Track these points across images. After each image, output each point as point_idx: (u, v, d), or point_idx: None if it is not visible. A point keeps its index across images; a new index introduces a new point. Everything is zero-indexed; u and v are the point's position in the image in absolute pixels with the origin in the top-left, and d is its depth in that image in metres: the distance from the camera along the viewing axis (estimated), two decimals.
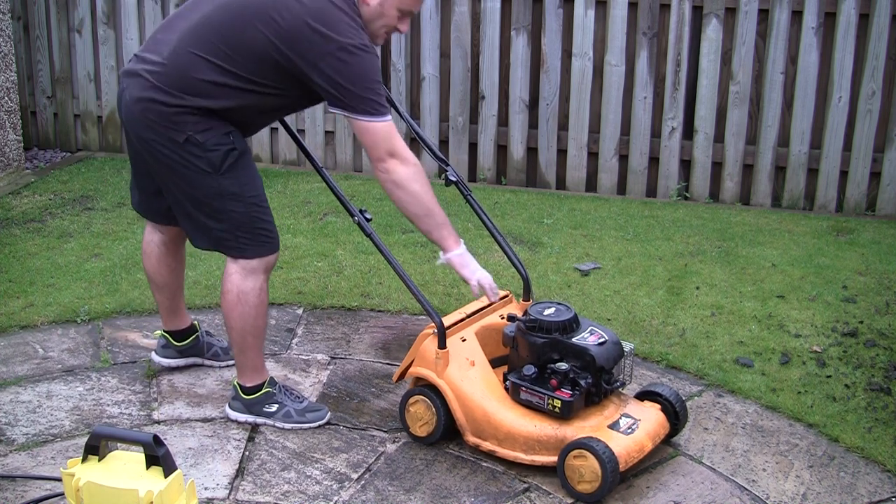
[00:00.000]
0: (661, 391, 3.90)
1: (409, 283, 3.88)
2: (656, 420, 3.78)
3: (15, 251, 5.83)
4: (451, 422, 3.84)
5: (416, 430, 3.92)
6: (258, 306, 3.95)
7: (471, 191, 4.33)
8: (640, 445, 3.64)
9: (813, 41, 6.57)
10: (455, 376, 3.81)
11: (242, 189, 3.84)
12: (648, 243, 6.05)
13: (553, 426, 3.66)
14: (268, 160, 7.78)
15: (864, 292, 5.35)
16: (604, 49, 6.95)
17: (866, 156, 6.65)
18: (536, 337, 3.77)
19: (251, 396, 4.07)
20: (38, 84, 8.08)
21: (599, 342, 3.73)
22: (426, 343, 3.88)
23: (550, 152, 7.20)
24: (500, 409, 3.74)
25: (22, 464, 3.77)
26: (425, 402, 3.87)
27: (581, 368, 3.69)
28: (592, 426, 3.66)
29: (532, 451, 3.68)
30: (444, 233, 3.91)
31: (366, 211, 3.96)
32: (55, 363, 4.57)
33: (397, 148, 3.74)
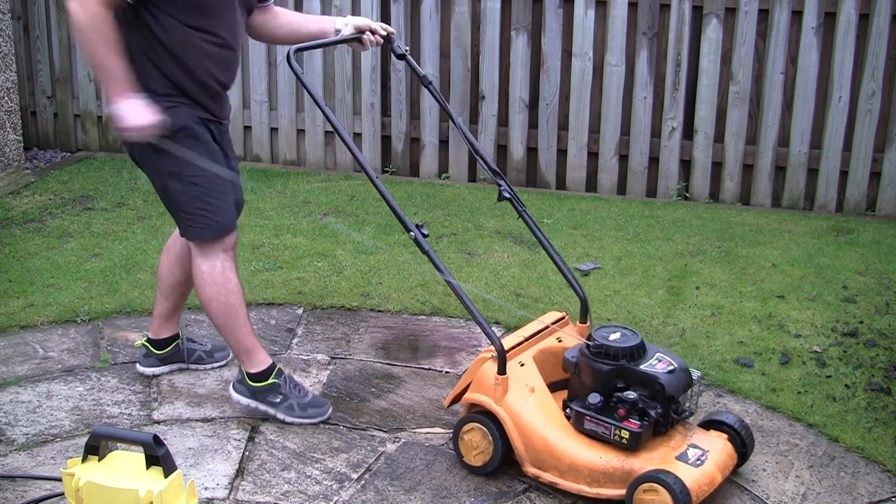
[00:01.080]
0: (727, 419, 3.71)
1: (470, 307, 3.67)
2: (724, 451, 3.59)
3: (15, 251, 5.83)
4: (508, 451, 3.66)
5: (470, 459, 3.74)
6: (224, 284, 3.95)
7: (525, 206, 4.11)
8: (710, 478, 3.46)
9: (813, 41, 6.57)
10: (515, 404, 3.62)
11: (181, 168, 3.85)
12: (648, 243, 6.05)
13: (620, 458, 3.48)
14: (268, 160, 7.78)
15: (864, 292, 5.35)
16: (604, 49, 6.95)
17: (866, 156, 6.65)
18: (602, 363, 3.59)
19: (258, 384, 4.07)
20: (38, 84, 8.08)
21: (669, 370, 3.55)
22: (484, 368, 3.69)
23: (550, 152, 7.20)
24: (562, 439, 3.57)
25: (22, 464, 3.77)
26: (482, 431, 3.68)
27: (650, 397, 3.52)
28: (660, 457, 3.48)
29: (597, 484, 3.51)
30: (107, 85, 3.67)
31: (423, 226, 3.73)
32: (55, 363, 4.57)
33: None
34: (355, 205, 6.67)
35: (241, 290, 4.02)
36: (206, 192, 3.90)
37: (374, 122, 7.45)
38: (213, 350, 4.58)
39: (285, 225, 6.28)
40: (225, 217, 3.96)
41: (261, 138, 7.74)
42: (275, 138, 7.74)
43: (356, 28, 4.14)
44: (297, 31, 4.21)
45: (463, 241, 6.03)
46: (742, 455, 3.70)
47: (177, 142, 3.83)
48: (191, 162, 3.86)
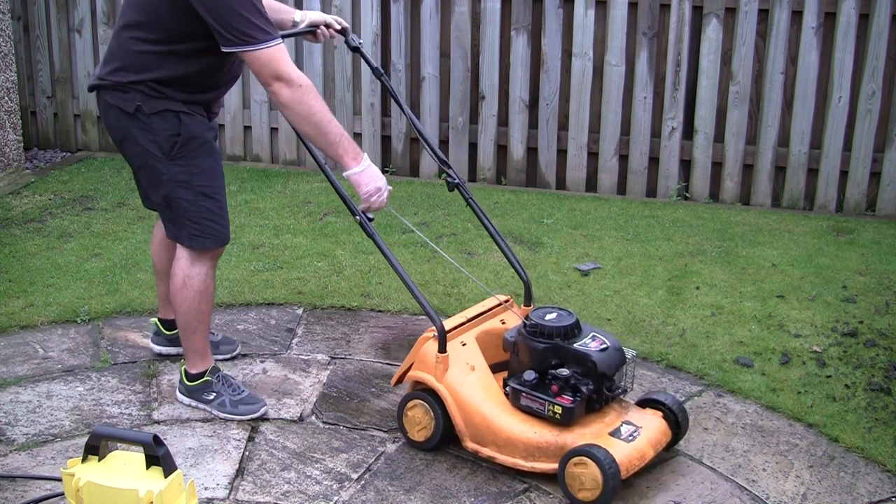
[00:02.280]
0: (663, 399, 3.84)
1: (409, 284, 3.84)
2: (658, 428, 3.72)
3: (15, 251, 5.83)
4: (449, 427, 3.79)
5: (413, 434, 3.88)
6: (202, 291, 4.05)
7: (472, 194, 4.27)
8: (641, 453, 3.59)
9: (813, 41, 6.57)
10: (455, 381, 3.76)
11: (192, 177, 3.91)
12: (648, 243, 6.05)
13: (553, 433, 3.62)
14: (268, 160, 7.78)
15: (864, 292, 5.35)
16: (604, 49, 6.95)
17: (866, 156, 6.65)
18: (537, 342, 3.72)
19: (192, 384, 4.20)
20: (38, 84, 8.08)
21: (601, 348, 3.68)
22: (426, 346, 3.84)
23: (550, 152, 7.20)
24: (499, 415, 3.69)
25: (22, 464, 3.77)
26: (424, 407, 3.83)
27: (582, 374, 3.63)
28: (593, 433, 3.61)
29: (532, 458, 3.64)
30: (340, 151, 3.80)
31: (368, 210, 3.91)
32: (55, 363, 4.57)
33: (282, 71, 3.68)
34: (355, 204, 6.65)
35: (213, 296, 4.15)
36: (214, 203, 3.99)
37: (374, 122, 7.45)
38: (220, 342, 4.63)
39: (285, 225, 6.28)
40: (227, 227, 4.07)
41: (261, 138, 7.74)
42: (275, 138, 7.74)
43: (311, 23, 4.26)
44: None
45: (463, 241, 6.03)
46: (676, 434, 3.83)
47: (190, 150, 3.89)
48: (202, 171, 3.93)
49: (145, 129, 3.86)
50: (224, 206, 4.05)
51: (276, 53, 3.68)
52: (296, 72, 3.72)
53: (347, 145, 3.81)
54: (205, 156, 3.95)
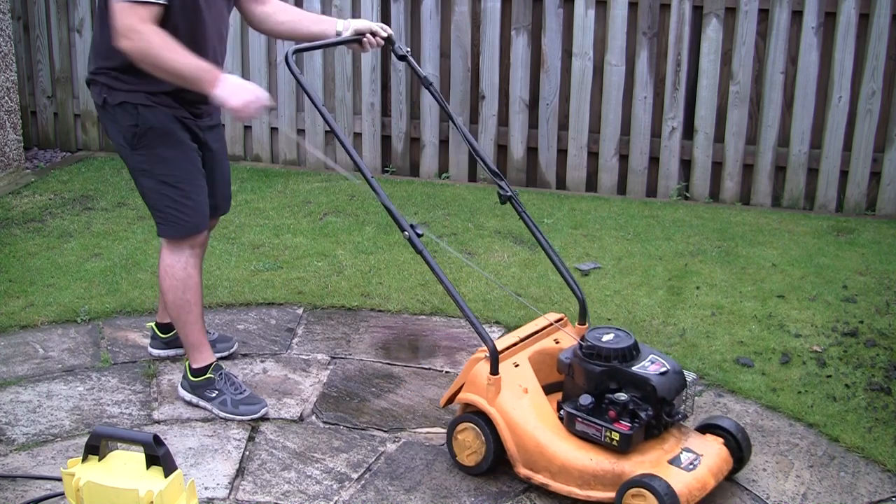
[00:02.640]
0: (724, 424, 3.67)
1: (462, 305, 3.67)
2: (719, 455, 3.56)
3: (15, 251, 5.83)
4: (501, 452, 3.64)
5: (463, 458, 3.73)
6: (184, 280, 4.07)
7: (525, 207, 4.11)
8: (702, 483, 3.42)
9: (813, 41, 6.57)
10: (507, 404, 3.61)
11: (153, 166, 3.96)
12: (648, 243, 6.05)
13: (610, 460, 3.45)
14: (268, 160, 7.78)
15: (865, 292, 5.35)
16: (604, 49, 6.95)
17: (866, 156, 6.65)
18: (594, 365, 3.56)
19: (196, 379, 4.20)
20: (38, 84, 8.08)
21: (661, 371, 3.51)
22: (477, 368, 3.68)
23: (550, 152, 7.20)
24: (553, 441, 3.54)
25: (22, 463, 3.77)
26: (474, 431, 3.68)
27: (641, 399, 3.48)
28: (652, 461, 3.45)
29: (587, 486, 3.47)
30: (201, 85, 3.73)
31: (417, 226, 3.70)
32: (55, 363, 4.57)
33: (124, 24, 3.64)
34: (355, 205, 6.67)
35: (199, 286, 4.14)
36: (177, 192, 4.00)
37: (375, 122, 7.45)
38: (216, 340, 4.63)
39: (285, 225, 6.28)
40: (195, 217, 4.05)
41: (261, 138, 7.74)
42: (275, 138, 7.74)
43: (356, 31, 4.18)
44: (297, 29, 4.26)
45: (463, 241, 6.03)
46: (738, 460, 3.66)
47: (150, 141, 3.93)
48: (163, 160, 3.96)
49: (112, 120, 3.95)
50: (191, 196, 4.02)
51: (124, 7, 3.65)
52: (141, 25, 3.65)
53: (203, 74, 3.73)
54: (166, 146, 3.95)
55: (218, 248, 5.81)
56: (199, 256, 4.13)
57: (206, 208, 4.11)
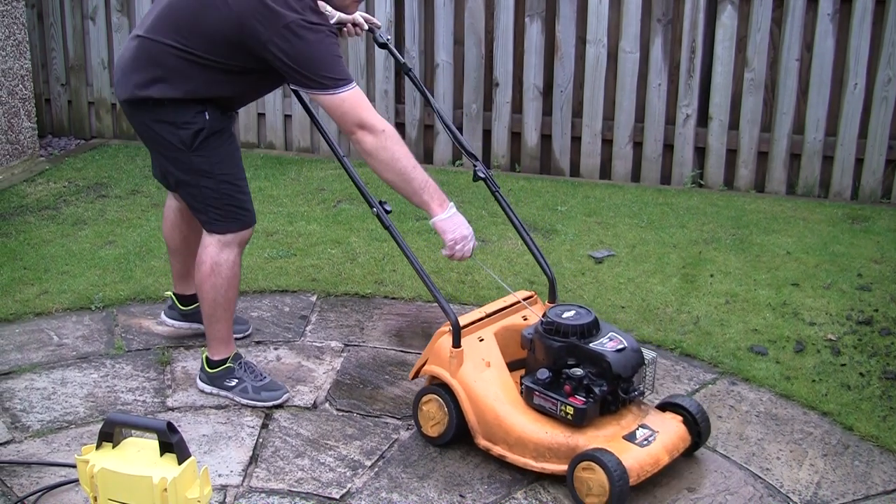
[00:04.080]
0: (684, 403, 3.71)
1: (424, 276, 3.81)
2: (676, 432, 3.61)
3: (30, 238, 5.85)
4: (462, 423, 3.72)
5: (427, 429, 3.83)
6: (230, 279, 4.09)
7: (499, 187, 4.22)
8: (654, 458, 3.48)
9: (828, 28, 6.53)
10: (468, 376, 3.70)
11: (213, 167, 3.98)
12: (663, 231, 6.03)
13: (565, 434, 3.53)
14: (281, 147, 7.78)
15: (879, 280, 5.33)
16: (618, 36, 6.93)
17: (882, 143, 6.61)
18: (553, 340, 3.62)
19: (214, 371, 4.21)
20: (52, 72, 8.10)
21: (618, 348, 3.56)
22: (441, 341, 3.78)
23: (564, 139, 7.19)
24: (511, 413, 3.62)
25: (37, 450, 3.79)
26: (438, 402, 3.77)
27: (597, 375, 3.53)
28: (607, 436, 3.52)
29: (542, 459, 3.55)
30: (426, 197, 3.84)
31: (385, 203, 3.89)
32: (70, 350, 4.58)
33: (363, 118, 3.75)
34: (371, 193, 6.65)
35: (239, 282, 4.17)
36: (237, 189, 4.06)
37: (388, 110, 7.44)
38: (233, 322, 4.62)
39: (299, 212, 6.28)
40: (250, 212, 4.12)
41: (274, 125, 7.74)
42: (288, 125, 7.75)
43: (339, 20, 4.21)
44: None
45: (477, 229, 5.95)
46: (696, 440, 3.70)
47: (212, 142, 3.96)
48: (221, 160, 4.00)
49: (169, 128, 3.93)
50: (246, 191, 4.11)
51: (356, 98, 3.75)
52: (378, 118, 3.77)
53: (433, 192, 3.84)
54: (225, 145, 4.02)
55: None
56: (241, 254, 4.16)
57: (252, 205, 4.17)
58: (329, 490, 3.57)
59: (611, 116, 7.08)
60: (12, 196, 6.63)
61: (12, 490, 3.52)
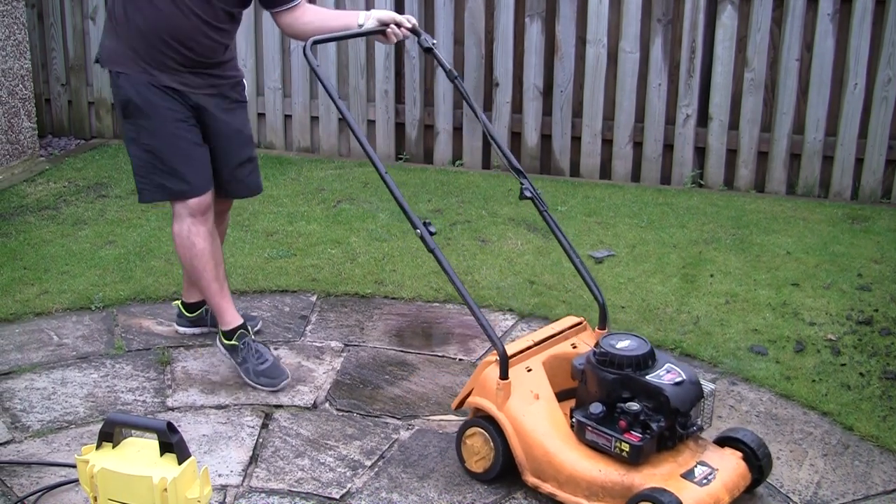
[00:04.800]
0: (744, 437, 3.51)
1: (473, 307, 3.59)
2: (736, 470, 3.40)
3: (29, 238, 5.85)
4: (510, 458, 3.53)
5: (471, 464, 3.64)
6: (190, 248, 4.19)
7: (547, 206, 4.02)
8: (714, 499, 3.27)
9: (829, 28, 6.53)
10: (517, 410, 3.50)
11: (139, 135, 4.11)
12: (663, 231, 6.03)
13: (620, 472, 3.32)
14: (281, 147, 7.78)
15: (880, 280, 5.33)
16: (618, 36, 6.92)
17: (882, 143, 6.61)
18: (607, 372, 3.42)
19: (227, 342, 4.36)
20: (52, 72, 8.10)
21: (676, 381, 3.37)
22: (487, 372, 3.58)
23: (564, 139, 7.19)
24: (562, 450, 3.42)
25: (37, 450, 3.79)
26: (483, 436, 3.57)
27: (654, 410, 3.34)
28: (664, 475, 3.31)
29: (595, 498, 3.34)
30: None
31: (430, 224, 3.66)
32: (70, 350, 4.58)
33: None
34: (369, 192, 6.67)
35: (208, 254, 4.23)
36: (157, 159, 4.13)
37: (388, 110, 7.44)
38: None
39: (299, 212, 6.28)
40: (178, 183, 4.15)
41: (275, 125, 7.74)
42: (289, 125, 7.75)
43: (379, 21, 4.16)
44: (321, 27, 4.25)
45: (477, 228, 6.02)
46: (757, 476, 3.51)
47: (135, 112, 4.08)
48: (146, 130, 4.10)
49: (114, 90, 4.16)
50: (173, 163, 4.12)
51: None
52: None
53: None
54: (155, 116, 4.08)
55: (232, 236, 5.82)
56: (203, 225, 4.19)
57: (196, 176, 4.17)
58: (329, 490, 3.57)
59: (611, 116, 7.08)
60: (12, 196, 6.63)
61: (12, 490, 3.52)
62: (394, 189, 3.68)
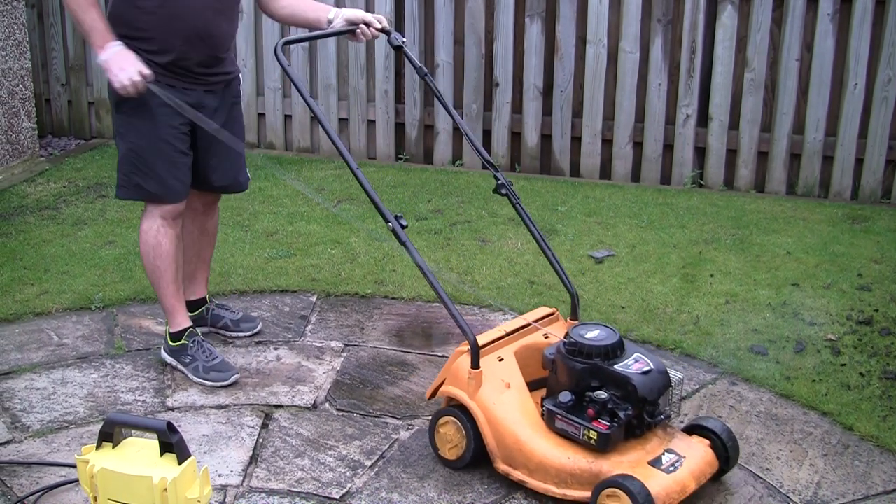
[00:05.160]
0: (712, 426, 3.57)
1: (445, 299, 3.64)
2: (703, 457, 3.46)
3: (29, 238, 5.85)
4: (481, 446, 3.59)
5: (445, 452, 3.69)
6: (155, 247, 4.20)
7: (520, 198, 4.09)
8: (681, 485, 3.33)
9: (829, 28, 6.53)
10: (488, 399, 3.55)
11: (127, 131, 4.12)
12: (663, 231, 6.03)
13: (588, 459, 3.38)
14: (281, 147, 7.78)
15: (880, 280, 5.33)
16: (618, 36, 6.92)
17: (882, 143, 6.61)
18: (576, 361, 3.48)
19: (174, 343, 4.37)
20: (52, 72, 8.10)
21: (644, 371, 3.43)
22: (459, 361, 3.64)
23: (564, 139, 7.19)
24: (532, 437, 3.48)
25: (37, 450, 3.79)
26: (456, 425, 3.63)
27: (622, 398, 3.39)
28: (631, 462, 3.37)
29: (564, 485, 3.40)
30: (92, 40, 3.95)
31: (401, 217, 3.71)
32: (70, 350, 4.58)
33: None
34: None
35: (172, 257, 4.25)
36: (139, 159, 4.13)
37: (388, 110, 7.44)
38: (240, 320, 4.74)
39: (299, 212, 6.28)
40: (155, 187, 4.16)
41: (274, 125, 7.74)
42: (288, 125, 7.75)
43: (347, 20, 4.23)
44: (295, 14, 4.36)
45: (477, 229, 6.02)
46: (725, 462, 3.57)
47: (129, 108, 4.06)
48: (135, 129, 4.09)
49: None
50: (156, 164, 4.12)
51: None
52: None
53: (95, 35, 3.92)
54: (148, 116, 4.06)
55: (232, 236, 5.82)
56: (172, 228, 4.22)
57: (177, 184, 4.18)
58: (329, 490, 3.57)
59: (611, 116, 7.08)
60: (12, 196, 6.63)
61: (12, 490, 3.52)
62: (365, 183, 3.76)
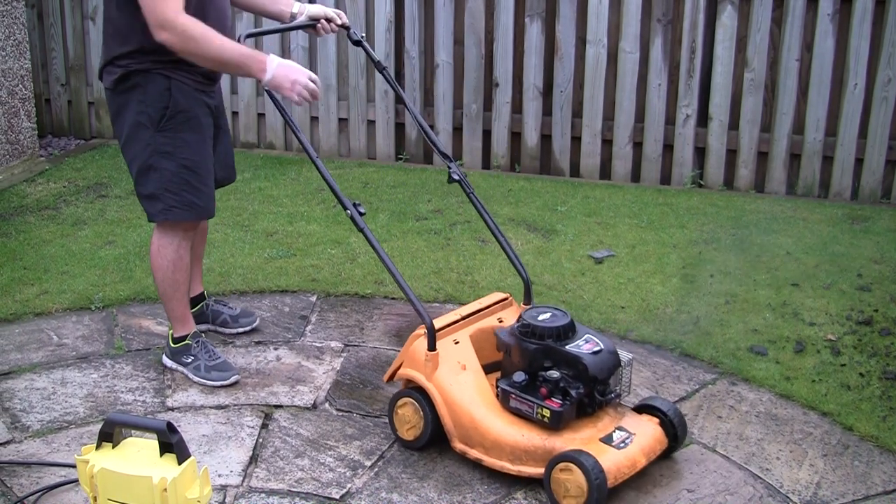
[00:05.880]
0: (660, 405, 3.72)
1: (399, 279, 3.76)
2: (652, 435, 3.61)
3: (29, 238, 5.85)
4: (439, 427, 3.71)
5: (403, 433, 3.80)
6: (175, 261, 4.19)
7: (473, 189, 4.21)
8: (631, 461, 3.48)
9: (829, 28, 6.53)
10: (444, 380, 3.68)
11: (177, 147, 4.01)
12: (662, 231, 6.03)
13: (541, 437, 3.51)
14: (281, 147, 7.78)
15: (879, 280, 5.33)
16: (618, 36, 6.92)
17: (882, 143, 6.61)
18: (529, 342, 3.63)
19: (176, 346, 4.37)
20: (52, 72, 8.10)
21: (594, 351, 3.57)
22: (416, 344, 3.77)
23: (564, 139, 7.19)
24: (487, 416, 3.61)
25: (37, 450, 3.79)
26: (413, 406, 3.75)
27: (573, 377, 3.53)
28: (583, 439, 3.51)
29: (519, 462, 3.54)
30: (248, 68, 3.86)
31: (359, 205, 3.87)
32: (69, 350, 4.58)
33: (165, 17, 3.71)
34: (369, 192, 6.67)
35: (187, 267, 4.26)
36: (194, 175, 4.08)
37: (388, 110, 7.44)
38: (239, 315, 4.76)
39: (299, 212, 6.28)
40: (206, 201, 4.16)
41: (274, 126, 7.74)
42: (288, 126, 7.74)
43: (310, 17, 4.26)
44: (255, 3, 4.37)
45: (477, 229, 6.02)
46: (672, 443, 3.70)
47: (178, 123, 3.99)
48: (186, 144, 4.02)
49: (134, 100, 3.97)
50: (207, 181, 4.13)
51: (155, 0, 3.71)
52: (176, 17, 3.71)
53: (250, 61, 3.83)
54: (191, 130, 4.03)
55: (231, 236, 5.82)
56: (191, 240, 4.24)
57: (212, 196, 4.21)
58: (329, 490, 3.57)
59: (611, 116, 7.08)
60: (12, 196, 6.63)
61: (12, 490, 3.53)
62: (323, 171, 3.95)
